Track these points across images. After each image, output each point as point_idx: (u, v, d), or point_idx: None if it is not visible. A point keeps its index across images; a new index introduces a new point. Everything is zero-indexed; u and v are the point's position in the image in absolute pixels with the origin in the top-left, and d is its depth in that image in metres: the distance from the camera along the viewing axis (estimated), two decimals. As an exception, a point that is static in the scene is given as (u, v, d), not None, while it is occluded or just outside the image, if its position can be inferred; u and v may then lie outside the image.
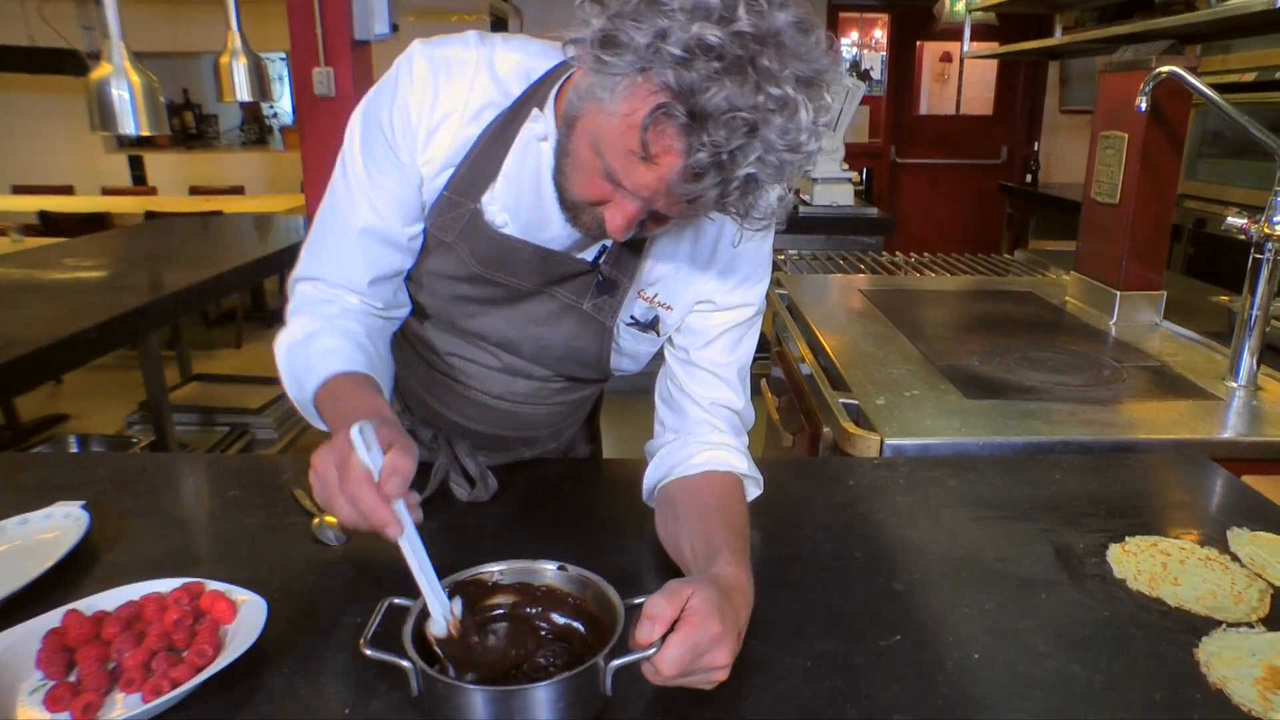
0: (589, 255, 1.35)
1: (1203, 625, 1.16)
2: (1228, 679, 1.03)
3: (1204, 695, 1.03)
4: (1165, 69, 2.25)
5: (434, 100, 1.28)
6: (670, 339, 1.45)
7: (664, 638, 0.96)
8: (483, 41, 1.30)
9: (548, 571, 1.11)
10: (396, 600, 1.04)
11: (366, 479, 0.99)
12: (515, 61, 1.29)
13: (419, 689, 0.96)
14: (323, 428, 1.28)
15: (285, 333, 1.34)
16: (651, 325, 1.42)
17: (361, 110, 1.34)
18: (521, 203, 1.31)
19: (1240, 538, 1.37)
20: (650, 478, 1.44)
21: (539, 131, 1.25)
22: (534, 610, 1.11)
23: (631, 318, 1.41)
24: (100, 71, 3.10)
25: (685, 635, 0.96)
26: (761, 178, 0.99)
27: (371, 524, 1.00)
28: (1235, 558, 1.32)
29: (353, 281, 1.37)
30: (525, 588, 1.11)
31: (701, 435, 1.41)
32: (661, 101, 0.95)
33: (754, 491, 1.43)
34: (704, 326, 1.42)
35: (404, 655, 0.96)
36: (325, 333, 1.31)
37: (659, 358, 1.50)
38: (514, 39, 1.32)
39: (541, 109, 1.25)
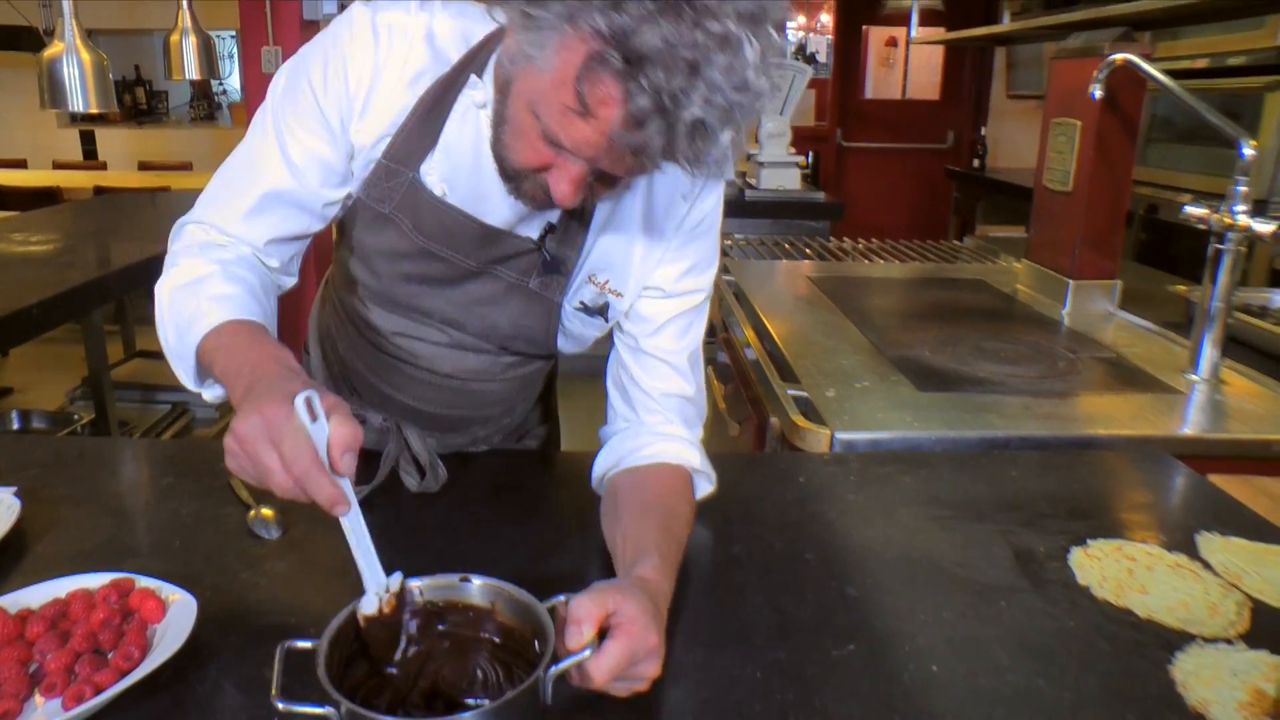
0: (532, 232, 1.31)
1: (1176, 639, 1.09)
2: (1208, 701, 0.96)
3: (1182, 719, 0.95)
4: (1121, 57, 2.19)
5: (373, 66, 1.23)
6: (619, 324, 1.41)
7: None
8: (423, 7, 1.23)
9: (455, 585, 1.00)
10: (294, 643, 0.92)
11: (314, 454, 0.91)
12: (454, 26, 1.23)
13: None
14: (190, 384, 1.21)
15: (171, 275, 1.23)
16: (600, 311, 1.37)
17: (289, 67, 1.28)
18: (460, 173, 1.26)
19: (1211, 543, 1.30)
20: (599, 465, 1.39)
21: (478, 99, 1.20)
22: (451, 628, 1.01)
23: (581, 303, 1.37)
24: (52, 50, 3.21)
25: (623, 644, 0.92)
26: (709, 121, 0.93)
27: (318, 500, 0.92)
28: (1207, 565, 1.25)
29: (250, 237, 1.28)
30: (438, 606, 1.01)
31: (653, 426, 1.37)
32: (593, 49, 0.90)
33: (705, 488, 1.38)
34: (653, 313, 1.37)
35: (325, 700, 0.83)
36: (219, 278, 1.20)
37: (605, 340, 1.44)
38: (454, 3, 1.25)
39: (479, 75, 1.20)
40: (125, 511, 1.42)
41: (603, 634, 0.92)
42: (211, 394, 1.21)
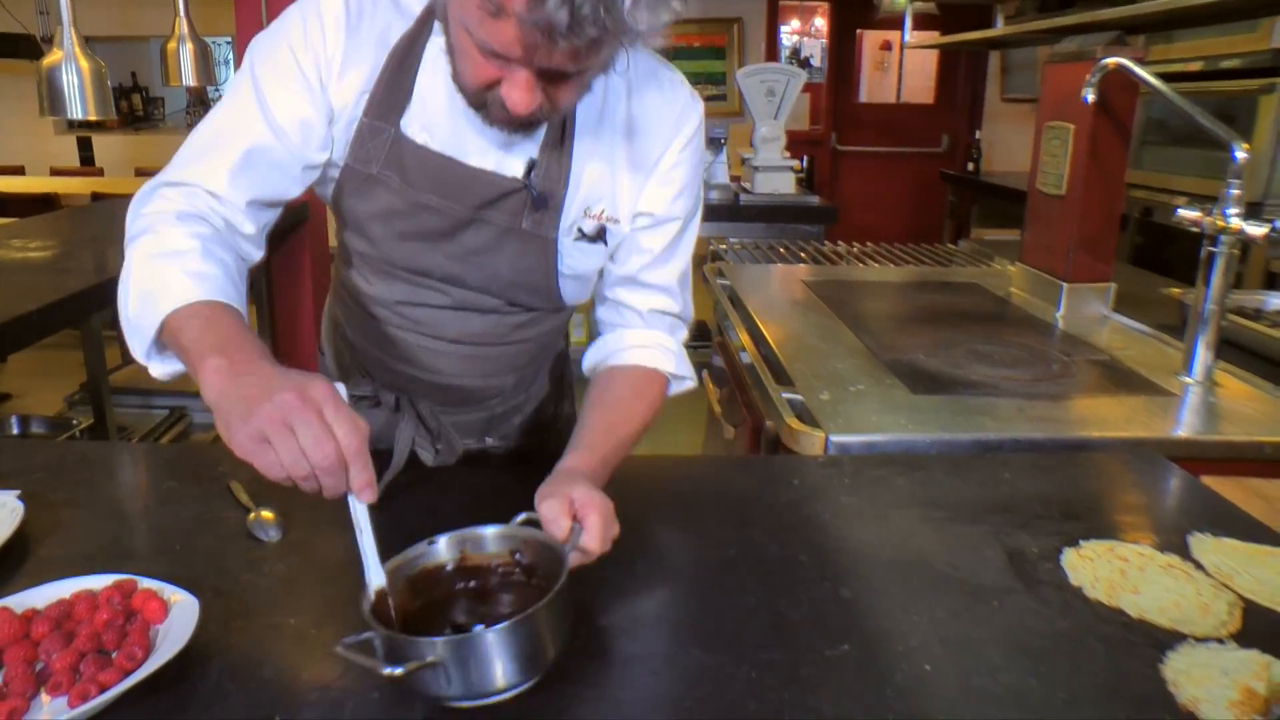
0: (517, 171, 1.36)
1: (1168, 639, 1.09)
2: (1199, 700, 0.96)
3: (1173, 717, 0.96)
4: (1113, 61, 2.20)
5: (345, 26, 1.30)
6: (613, 258, 1.50)
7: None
8: None
9: (485, 538, 1.12)
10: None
11: (366, 432, 0.98)
12: None
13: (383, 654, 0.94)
14: (140, 355, 1.20)
15: (144, 241, 1.22)
16: (599, 236, 1.44)
17: (267, 33, 1.32)
18: (438, 119, 1.33)
19: (1203, 544, 1.31)
20: (588, 359, 1.55)
21: (443, 46, 1.23)
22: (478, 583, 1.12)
23: (579, 230, 1.42)
24: (51, 58, 3.22)
25: (597, 518, 1.10)
26: None
27: (355, 484, 0.98)
28: (1199, 565, 1.25)
29: (232, 196, 1.28)
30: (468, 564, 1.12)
31: (637, 333, 1.52)
32: None
33: (684, 385, 1.56)
34: (646, 243, 1.48)
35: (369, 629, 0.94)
36: (198, 255, 1.18)
37: None
38: None
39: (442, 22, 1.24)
40: (126, 515, 1.44)
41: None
42: (162, 369, 1.21)
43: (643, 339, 1.51)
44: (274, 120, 1.28)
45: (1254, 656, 1.04)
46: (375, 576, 1.01)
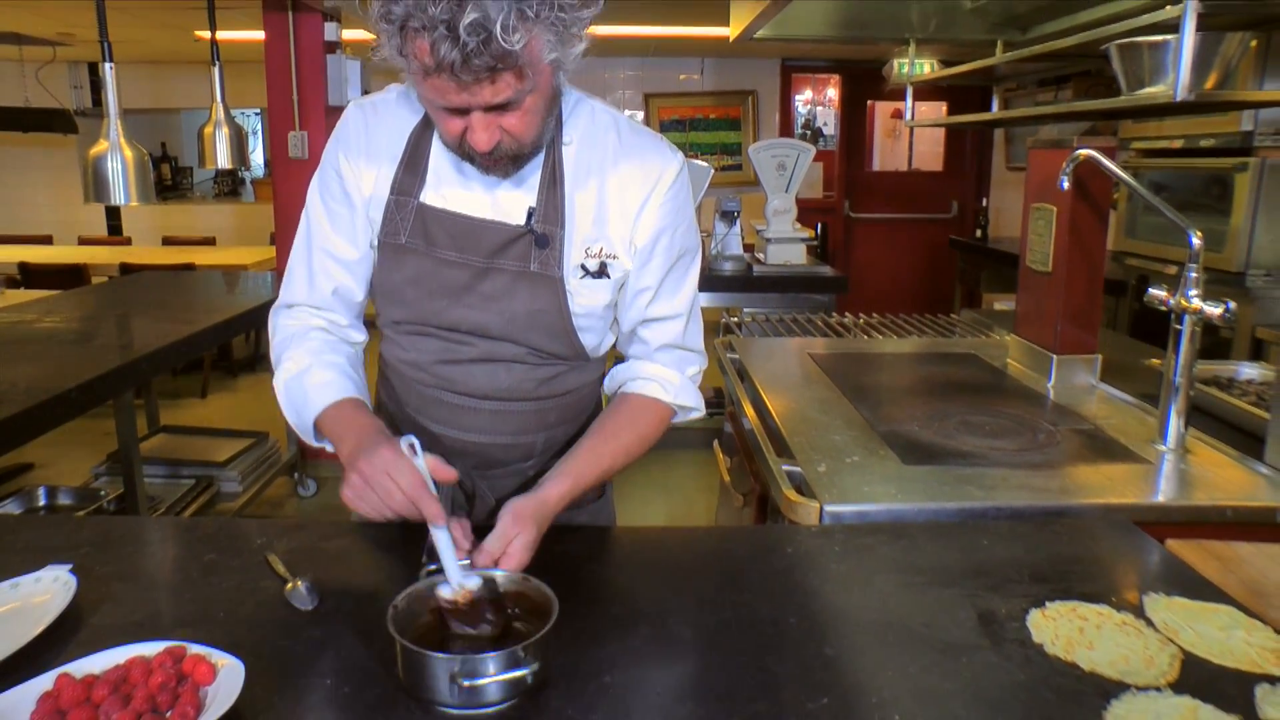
0: (520, 219, 1.59)
1: (1113, 689, 1.22)
2: (1132, 742, 1.10)
3: (1109, 757, 1.09)
4: (1084, 153, 2.36)
5: (366, 134, 1.63)
6: (620, 299, 1.71)
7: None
8: (400, 85, 1.62)
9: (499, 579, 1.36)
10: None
11: (423, 480, 1.33)
12: None
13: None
14: (313, 442, 1.64)
15: (281, 370, 1.65)
16: (600, 272, 1.64)
17: (317, 172, 1.69)
18: (449, 185, 1.61)
19: (1156, 603, 1.43)
20: (608, 383, 1.81)
21: None
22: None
23: (582, 268, 1.63)
24: (97, 148, 3.38)
25: (511, 563, 1.38)
26: (470, 15, 1.21)
27: (426, 514, 1.32)
28: (1150, 623, 1.38)
29: (321, 297, 1.69)
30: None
31: (649, 365, 1.74)
32: (386, 31, 1.29)
33: (690, 415, 1.78)
34: (646, 281, 1.68)
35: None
36: (317, 368, 1.62)
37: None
38: None
39: None
40: (172, 585, 1.55)
41: None
42: (326, 445, 1.61)
43: (650, 371, 1.73)
44: (331, 229, 1.67)
45: (1184, 701, 1.17)
46: (455, 577, 1.29)
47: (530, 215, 1.58)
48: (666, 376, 1.73)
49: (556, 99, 1.51)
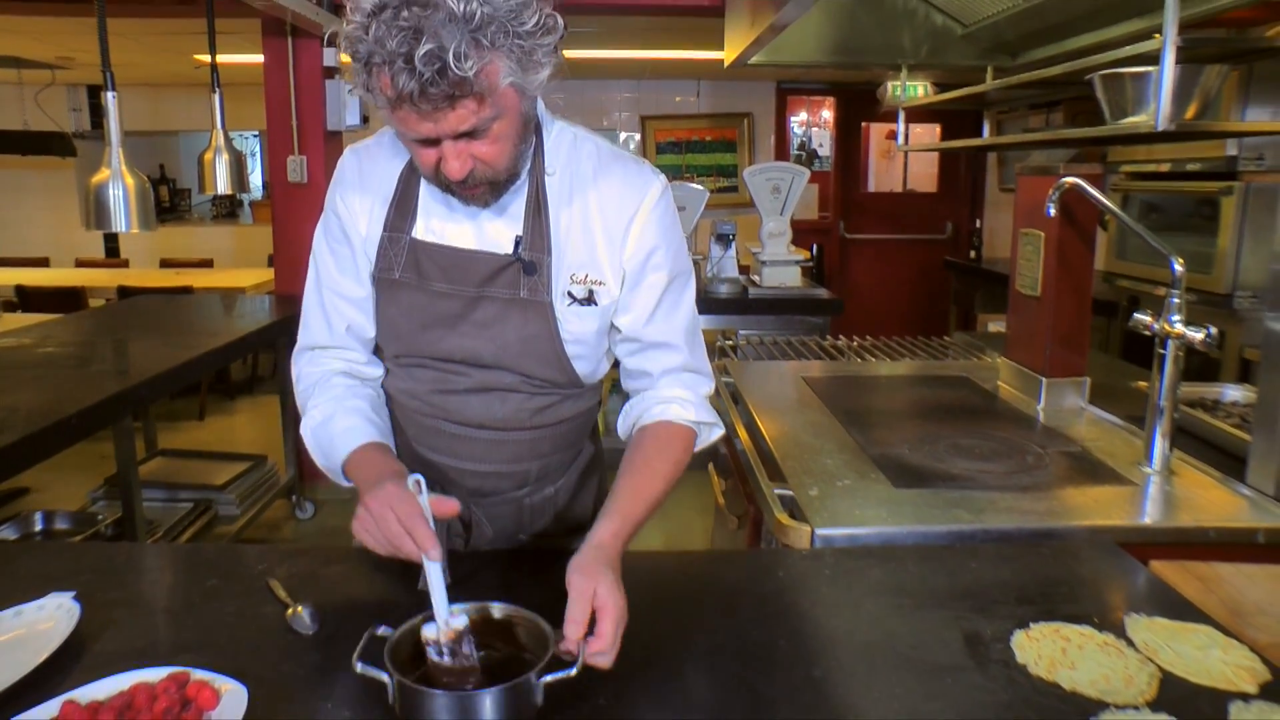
0: (507, 248, 1.63)
1: (1093, 707, 1.26)
2: (1108, 758, 1.13)
3: (1087, 774, 1.12)
4: (1070, 180, 2.41)
5: (360, 176, 1.69)
6: (614, 325, 1.72)
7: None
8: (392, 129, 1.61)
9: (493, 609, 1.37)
10: (379, 630, 1.27)
11: (420, 513, 1.34)
12: None
13: (393, 696, 1.18)
14: (344, 483, 1.64)
15: (307, 418, 1.70)
16: (588, 299, 1.66)
17: (321, 220, 1.76)
18: (438, 220, 1.65)
19: (1137, 623, 1.47)
20: (622, 426, 1.78)
21: None
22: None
23: (569, 295, 1.65)
24: (99, 176, 3.38)
25: (609, 629, 1.28)
26: (428, 46, 1.25)
27: (420, 544, 1.31)
28: (1130, 643, 1.42)
29: (336, 336, 1.74)
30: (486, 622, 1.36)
31: (659, 391, 1.74)
32: (356, 68, 1.34)
33: (714, 433, 1.77)
34: (639, 303, 1.69)
35: (384, 670, 1.19)
36: (341, 414, 1.66)
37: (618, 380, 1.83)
38: None
39: None
40: (173, 611, 1.56)
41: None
42: (350, 484, 1.63)
43: (662, 396, 1.73)
44: (337, 276, 1.73)
45: (1161, 719, 1.21)
46: (442, 615, 1.28)
47: (518, 243, 1.62)
48: (681, 397, 1.72)
49: (528, 125, 1.53)
